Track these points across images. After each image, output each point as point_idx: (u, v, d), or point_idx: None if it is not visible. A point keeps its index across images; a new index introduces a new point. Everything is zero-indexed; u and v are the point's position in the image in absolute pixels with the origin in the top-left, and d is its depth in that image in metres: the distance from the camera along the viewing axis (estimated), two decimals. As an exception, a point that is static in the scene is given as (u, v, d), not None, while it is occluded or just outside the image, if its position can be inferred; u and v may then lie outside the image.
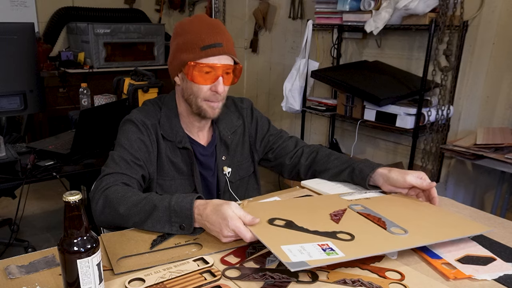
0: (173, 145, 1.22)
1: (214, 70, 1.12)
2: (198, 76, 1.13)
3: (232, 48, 1.15)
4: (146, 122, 1.19)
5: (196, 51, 1.11)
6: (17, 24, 1.82)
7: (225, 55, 1.13)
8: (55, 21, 4.07)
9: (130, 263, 0.88)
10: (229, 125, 1.31)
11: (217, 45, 1.11)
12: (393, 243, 0.89)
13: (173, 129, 1.22)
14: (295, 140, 1.39)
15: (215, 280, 0.82)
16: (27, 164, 1.75)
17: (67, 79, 3.66)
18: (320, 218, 0.99)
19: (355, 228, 0.94)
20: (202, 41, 1.11)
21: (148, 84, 2.54)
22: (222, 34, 1.14)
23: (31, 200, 3.03)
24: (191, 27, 1.14)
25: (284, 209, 1.03)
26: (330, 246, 0.86)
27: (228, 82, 1.17)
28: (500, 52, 2.14)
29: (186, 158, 1.23)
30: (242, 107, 1.36)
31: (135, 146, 1.15)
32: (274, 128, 1.41)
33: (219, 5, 4.01)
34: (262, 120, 1.39)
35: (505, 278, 0.84)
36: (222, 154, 1.29)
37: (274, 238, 0.88)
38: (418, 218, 1.02)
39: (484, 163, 1.92)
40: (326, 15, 2.66)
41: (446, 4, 2.10)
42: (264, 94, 3.77)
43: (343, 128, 3.06)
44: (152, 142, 1.19)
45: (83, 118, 1.89)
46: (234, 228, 0.89)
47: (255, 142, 1.37)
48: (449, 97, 2.30)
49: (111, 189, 1.04)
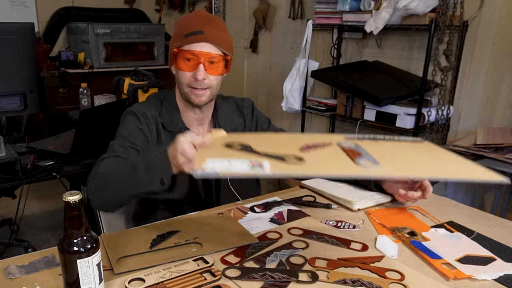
0: (173, 135, 1.23)
1: (194, 57, 1.14)
2: (181, 63, 1.16)
3: (217, 38, 1.15)
4: (146, 113, 1.23)
5: (181, 39, 1.15)
6: (17, 24, 1.82)
7: (206, 42, 1.14)
8: (55, 21, 4.07)
9: (130, 263, 0.88)
10: (230, 122, 1.32)
11: (198, 32, 1.13)
12: (347, 170, 0.76)
13: (173, 121, 1.25)
14: None
15: (215, 280, 0.82)
16: (27, 164, 1.75)
17: (67, 79, 3.66)
18: (287, 146, 0.87)
19: (318, 158, 0.81)
20: (186, 30, 1.15)
21: (148, 84, 2.54)
22: (207, 23, 1.15)
23: (31, 200, 3.03)
24: (184, 19, 1.19)
25: (256, 139, 0.95)
26: (263, 164, 0.74)
27: (214, 72, 1.17)
28: (500, 52, 2.14)
29: None
30: (243, 106, 1.37)
31: (134, 134, 1.19)
32: (274, 127, 1.41)
33: (219, 5, 4.01)
34: (262, 119, 1.40)
35: (505, 278, 0.84)
36: None
37: (212, 155, 0.80)
38: (411, 157, 0.88)
39: (484, 163, 1.92)
40: (326, 15, 2.66)
41: (446, 4, 2.10)
42: (264, 94, 3.76)
43: (343, 128, 3.06)
44: (152, 132, 1.22)
45: (83, 118, 1.89)
46: (181, 151, 0.89)
47: None
48: (449, 97, 2.30)
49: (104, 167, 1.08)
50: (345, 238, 0.99)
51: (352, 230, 1.04)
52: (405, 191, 1.15)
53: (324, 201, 1.22)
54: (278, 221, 1.09)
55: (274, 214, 1.13)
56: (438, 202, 1.23)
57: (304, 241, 0.98)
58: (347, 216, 1.13)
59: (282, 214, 1.13)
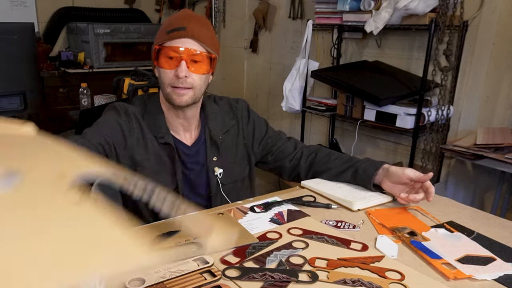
0: (157, 140, 1.22)
1: (176, 53, 1.12)
2: (163, 61, 1.14)
3: (200, 35, 1.13)
4: (128, 110, 1.21)
5: (163, 35, 1.13)
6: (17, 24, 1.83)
7: (189, 39, 1.12)
8: (55, 21, 4.07)
9: (130, 263, 0.88)
10: (220, 125, 1.29)
11: (181, 28, 1.11)
12: None
13: (156, 124, 1.22)
14: (294, 141, 1.38)
15: (215, 280, 0.82)
16: (27, 164, 1.75)
17: (67, 79, 3.66)
18: None
19: None
20: (168, 27, 1.13)
21: (148, 84, 2.54)
22: (190, 20, 1.13)
23: (31, 200, 3.02)
24: (169, 18, 1.18)
25: None
26: None
27: (197, 70, 1.14)
28: (500, 52, 2.14)
29: (170, 154, 1.22)
30: (237, 108, 1.34)
31: (109, 126, 1.17)
32: (272, 130, 1.39)
33: (219, 5, 4.01)
34: (259, 122, 1.37)
35: (505, 278, 0.84)
36: (212, 155, 1.27)
37: None
38: None
39: (484, 163, 1.92)
40: (326, 15, 2.66)
41: (446, 4, 2.10)
42: (264, 94, 3.77)
43: (343, 128, 3.06)
44: (132, 129, 1.19)
45: (83, 118, 1.89)
46: None
47: (253, 145, 1.35)
48: (449, 97, 2.30)
49: None
50: (345, 238, 0.99)
51: (352, 230, 1.04)
52: (406, 194, 1.14)
53: (324, 201, 1.22)
54: (278, 221, 1.09)
55: (274, 214, 1.13)
56: (438, 202, 1.23)
57: (304, 241, 0.98)
58: (347, 216, 1.13)
59: (282, 214, 1.13)
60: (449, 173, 2.43)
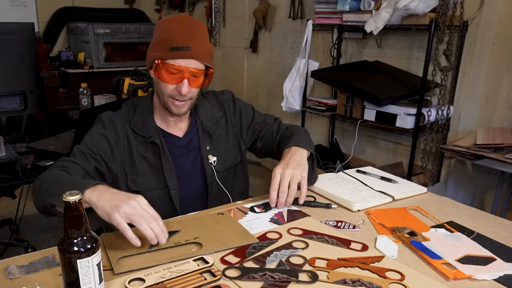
0: (144, 140, 1.24)
1: (180, 72, 1.14)
2: (164, 75, 1.16)
3: (202, 53, 1.15)
4: (113, 119, 1.24)
5: (165, 50, 1.14)
6: (17, 24, 1.82)
7: (193, 59, 1.14)
8: (55, 21, 4.07)
9: (130, 263, 0.88)
10: (210, 116, 1.32)
11: (185, 48, 1.13)
12: None
13: (145, 125, 1.24)
14: (277, 124, 1.40)
15: (215, 280, 0.82)
16: (27, 164, 1.75)
17: (67, 79, 3.66)
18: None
19: None
20: (171, 42, 1.13)
21: (148, 84, 2.53)
22: (194, 38, 1.15)
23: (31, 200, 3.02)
24: (167, 25, 1.17)
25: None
26: None
27: (196, 84, 1.18)
28: (500, 52, 2.14)
29: (156, 152, 1.24)
30: (223, 99, 1.37)
31: (95, 141, 1.20)
32: (259, 115, 1.41)
33: (219, 5, 4.01)
34: (246, 109, 1.39)
35: (505, 278, 0.84)
36: (206, 144, 1.30)
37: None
38: None
39: (484, 163, 1.92)
40: (326, 15, 2.66)
41: (446, 4, 2.10)
42: (264, 94, 3.77)
43: (343, 128, 3.06)
44: (118, 138, 1.22)
45: (83, 118, 1.89)
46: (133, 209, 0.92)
47: (241, 132, 1.38)
48: (449, 97, 2.30)
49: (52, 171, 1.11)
50: (345, 238, 0.99)
51: (352, 230, 1.05)
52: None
53: (324, 201, 1.22)
54: (278, 221, 1.09)
55: (274, 214, 1.13)
56: (438, 202, 1.23)
57: (304, 241, 0.98)
58: (347, 216, 1.13)
59: (282, 214, 1.13)
60: (449, 173, 2.43)
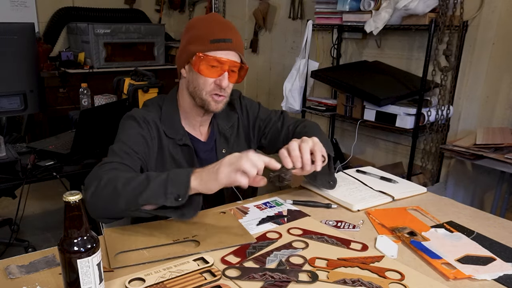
0: (174, 142, 1.23)
1: (220, 64, 1.14)
2: (204, 69, 1.14)
3: (241, 47, 1.17)
4: (147, 117, 1.20)
5: (206, 43, 1.13)
6: (17, 24, 1.82)
7: (233, 51, 1.15)
8: (55, 21, 4.07)
9: (127, 259, 0.88)
10: (226, 119, 1.32)
11: (227, 40, 1.13)
12: None
13: (173, 126, 1.23)
14: (282, 119, 1.37)
15: (215, 280, 0.82)
16: (28, 164, 1.75)
17: (67, 79, 3.66)
18: None
19: None
20: (212, 35, 1.13)
21: (148, 84, 2.54)
22: (233, 32, 1.16)
23: (31, 200, 3.02)
24: (203, 22, 1.17)
25: None
26: None
27: (232, 79, 1.18)
28: (500, 52, 2.14)
29: (186, 155, 1.24)
30: (233, 99, 1.36)
31: (134, 140, 1.15)
32: (264, 111, 1.39)
33: (219, 5, 4.01)
34: (252, 107, 1.38)
35: (505, 278, 0.84)
36: (222, 147, 1.30)
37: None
38: None
39: (483, 163, 1.92)
40: (326, 15, 2.66)
41: (446, 4, 2.10)
42: (264, 94, 3.77)
43: (343, 128, 3.06)
44: (153, 137, 1.20)
45: (83, 118, 1.89)
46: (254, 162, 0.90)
47: (249, 131, 1.37)
48: (449, 97, 2.30)
49: (110, 173, 1.02)
50: (345, 238, 0.99)
51: (352, 230, 1.05)
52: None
53: (324, 201, 1.22)
54: (278, 221, 1.09)
55: (274, 214, 1.13)
56: (438, 202, 1.23)
57: (304, 241, 0.98)
58: (347, 216, 1.13)
59: (282, 214, 1.13)
60: (449, 173, 2.43)
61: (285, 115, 1.39)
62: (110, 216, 1.03)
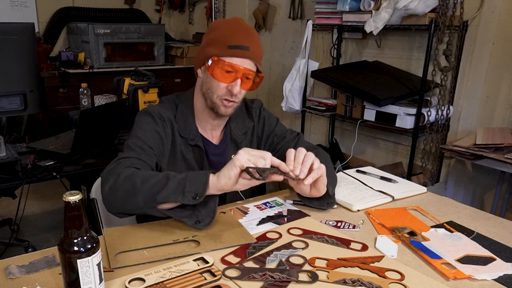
0: (186, 141, 1.23)
1: (234, 70, 1.14)
2: (218, 73, 1.15)
3: (258, 56, 1.16)
4: (162, 114, 1.21)
5: (223, 48, 1.13)
6: (17, 24, 1.82)
7: (249, 59, 1.14)
8: (55, 21, 4.07)
9: (127, 259, 0.88)
10: (240, 125, 1.32)
11: (244, 47, 1.13)
12: None
13: (187, 126, 1.23)
14: (296, 140, 1.36)
15: (215, 280, 0.82)
16: (28, 164, 1.75)
17: (67, 79, 3.66)
18: None
19: None
20: (230, 40, 1.13)
21: (148, 84, 2.54)
22: (252, 40, 1.15)
23: (31, 200, 3.03)
24: (225, 26, 1.17)
25: None
26: None
27: (246, 86, 1.18)
28: (500, 52, 2.14)
29: (197, 156, 1.24)
30: (252, 107, 1.36)
31: (149, 136, 1.16)
32: (281, 128, 1.39)
33: (219, 5, 4.01)
34: (269, 120, 1.38)
35: (505, 278, 0.84)
36: (231, 153, 1.29)
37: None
38: None
39: (483, 163, 1.92)
40: (326, 15, 2.66)
41: (446, 4, 2.10)
42: (264, 94, 3.77)
43: (343, 128, 3.06)
44: (167, 135, 1.20)
45: (83, 118, 1.89)
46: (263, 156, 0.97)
47: (261, 142, 1.37)
48: (449, 97, 2.30)
49: (128, 169, 1.04)
50: (345, 238, 0.99)
51: (352, 230, 1.05)
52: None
53: (324, 201, 1.22)
54: (278, 221, 1.09)
55: (274, 214, 1.13)
56: (438, 202, 1.23)
57: (304, 241, 0.98)
58: (347, 216, 1.13)
59: (282, 214, 1.13)
60: (449, 173, 2.43)
61: (300, 137, 1.39)
62: (126, 211, 1.04)
